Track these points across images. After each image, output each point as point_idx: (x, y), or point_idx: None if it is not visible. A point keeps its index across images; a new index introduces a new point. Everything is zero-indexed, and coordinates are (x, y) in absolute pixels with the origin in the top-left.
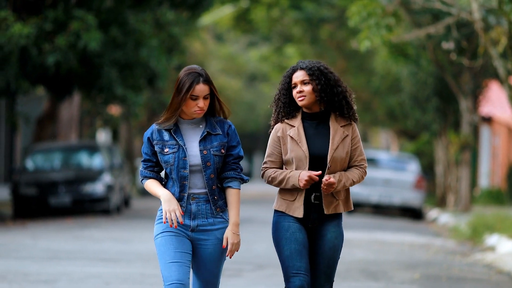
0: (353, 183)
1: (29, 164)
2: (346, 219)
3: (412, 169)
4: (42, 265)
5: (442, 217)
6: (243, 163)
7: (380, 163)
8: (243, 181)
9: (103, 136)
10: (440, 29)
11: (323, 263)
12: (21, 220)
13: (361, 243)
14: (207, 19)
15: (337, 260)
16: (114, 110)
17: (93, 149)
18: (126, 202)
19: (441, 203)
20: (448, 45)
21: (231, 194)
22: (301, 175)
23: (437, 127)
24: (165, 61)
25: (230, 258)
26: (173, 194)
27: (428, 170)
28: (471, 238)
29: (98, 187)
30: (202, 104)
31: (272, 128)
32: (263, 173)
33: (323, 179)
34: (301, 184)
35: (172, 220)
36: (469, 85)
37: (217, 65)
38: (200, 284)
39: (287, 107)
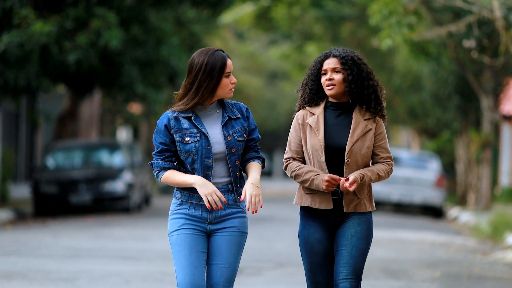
0: (379, 177)
1: (50, 162)
2: None
3: (433, 168)
4: (62, 263)
5: (463, 216)
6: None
7: (401, 162)
8: (264, 163)
9: (123, 134)
10: (461, 27)
11: (345, 252)
12: (42, 218)
13: (381, 241)
14: (228, 17)
15: (362, 251)
16: (135, 108)
17: (113, 147)
18: (146, 200)
19: (461, 201)
20: (469, 43)
21: (254, 164)
22: (324, 178)
23: (458, 126)
24: (186, 59)
25: (253, 213)
26: None
27: (449, 169)
28: (492, 237)
29: (118, 185)
30: (235, 79)
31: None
32: (286, 165)
33: (341, 183)
34: (324, 187)
35: (215, 203)
36: (490, 83)
37: (238, 63)
38: (214, 274)
39: (313, 94)
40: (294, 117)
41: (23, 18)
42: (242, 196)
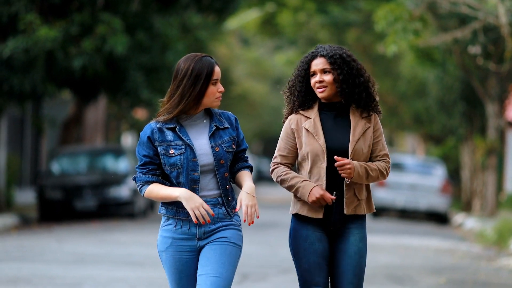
0: (379, 173)
1: (55, 167)
2: (371, 224)
3: (438, 174)
4: (67, 269)
5: (468, 222)
6: (268, 168)
7: (406, 168)
8: (252, 171)
9: (128, 140)
10: (467, 34)
11: (349, 270)
12: (47, 224)
13: (386, 247)
14: (233, 23)
15: (364, 267)
16: (140, 114)
17: (118, 152)
18: (151, 205)
19: (467, 207)
20: (475, 49)
21: (245, 173)
22: (313, 191)
23: (463, 132)
24: None
25: (249, 224)
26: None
27: (454, 175)
28: (497, 243)
29: (123, 191)
30: (222, 88)
31: (285, 119)
32: (273, 169)
33: (336, 163)
34: (310, 200)
35: (203, 216)
36: (495, 89)
37: (243, 69)
38: (203, 284)
39: (302, 96)
40: (285, 121)
41: (29, 23)
42: (238, 207)
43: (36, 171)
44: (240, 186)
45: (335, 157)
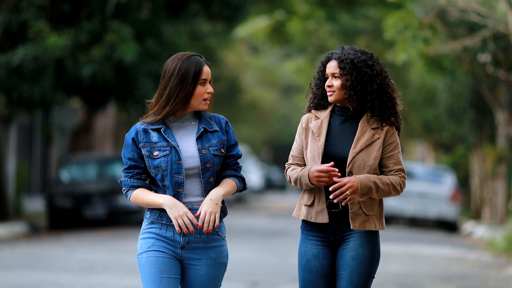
0: (392, 187)
1: (64, 175)
2: (380, 232)
3: (448, 182)
4: (77, 277)
5: (478, 230)
6: (278, 176)
7: (415, 176)
8: (244, 182)
9: None
10: (477, 42)
11: (344, 277)
12: (56, 232)
13: (396, 255)
14: (242, 31)
15: (364, 275)
16: None
17: None
18: None
19: (476, 216)
20: (484, 57)
21: (226, 180)
22: (311, 173)
23: (472, 140)
24: None
25: (205, 232)
26: None
27: (463, 183)
28: (507, 251)
29: None
30: (211, 89)
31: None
32: (285, 171)
33: (330, 188)
34: (314, 182)
35: (186, 226)
36: (505, 97)
37: (252, 77)
38: None
39: (319, 99)
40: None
41: (38, 31)
42: (198, 212)
43: (46, 179)
44: None
45: (334, 179)
